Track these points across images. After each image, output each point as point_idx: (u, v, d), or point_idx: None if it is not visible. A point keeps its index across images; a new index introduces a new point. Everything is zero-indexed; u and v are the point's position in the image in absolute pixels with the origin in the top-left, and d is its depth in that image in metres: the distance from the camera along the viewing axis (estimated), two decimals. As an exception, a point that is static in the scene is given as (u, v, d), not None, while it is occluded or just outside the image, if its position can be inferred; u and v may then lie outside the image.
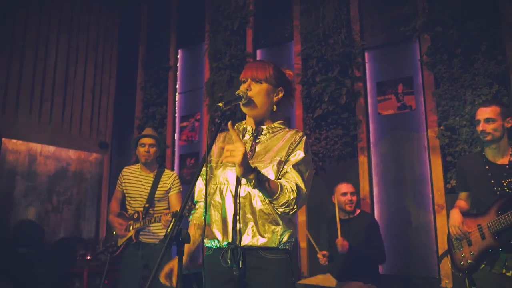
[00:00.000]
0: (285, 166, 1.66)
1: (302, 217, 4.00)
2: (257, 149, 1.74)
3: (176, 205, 3.21)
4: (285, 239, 1.65)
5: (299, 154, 1.68)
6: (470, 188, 2.56)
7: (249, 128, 1.81)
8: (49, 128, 5.12)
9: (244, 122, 1.85)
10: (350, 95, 3.86)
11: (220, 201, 1.67)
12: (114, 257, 3.23)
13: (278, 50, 4.57)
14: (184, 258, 1.47)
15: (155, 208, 3.20)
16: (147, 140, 3.24)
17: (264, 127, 1.79)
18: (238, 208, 1.63)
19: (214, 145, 1.83)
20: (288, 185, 1.59)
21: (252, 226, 1.62)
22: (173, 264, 1.69)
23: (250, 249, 1.62)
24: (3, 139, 4.63)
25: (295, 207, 1.58)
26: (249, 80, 1.75)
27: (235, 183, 1.66)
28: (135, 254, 3.14)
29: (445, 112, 3.44)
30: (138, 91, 5.49)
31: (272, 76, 1.76)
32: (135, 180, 3.27)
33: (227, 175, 1.69)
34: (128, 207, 3.27)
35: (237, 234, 1.62)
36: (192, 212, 1.84)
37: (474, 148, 3.25)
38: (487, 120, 2.43)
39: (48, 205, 5.15)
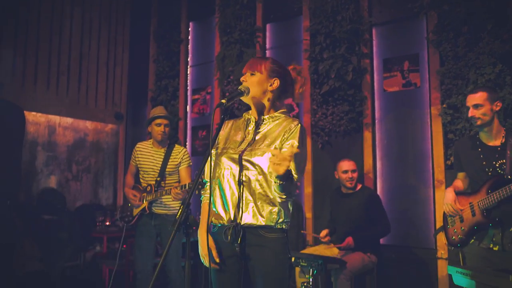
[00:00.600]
0: (283, 143, 1.83)
1: (308, 189, 4.20)
2: (257, 137, 1.90)
3: (185, 178, 3.43)
4: (281, 219, 1.84)
5: (293, 143, 1.83)
6: (464, 169, 2.70)
7: (252, 118, 1.96)
8: (67, 100, 5.32)
9: (250, 112, 2.00)
10: (356, 72, 3.94)
11: (224, 185, 1.85)
12: (130, 226, 3.49)
13: (287, 24, 4.61)
14: (204, 230, 1.80)
15: (166, 181, 3.42)
16: (162, 121, 3.42)
17: (266, 116, 1.94)
18: (240, 190, 1.82)
19: (221, 131, 1.99)
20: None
21: (253, 207, 1.81)
22: (206, 246, 1.83)
23: (250, 228, 1.82)
24: (25, 112, 4.87)
25: (290, 190, 1.78)
26: (247, 73, 1.89)
27: (237, 169, 1.84)
28: (148, 224, 3.39)
29: (448, 91, 3.52)
30: (151, 63, 5.62)
31: (266, 68, 1.90)
32: (147, 155, 3.48)
33: (230, 163, 1.86)
34: (141, 180, 3.50)
35: (239, 213, 1.81)
36: (202, 192, 2.03)
37: (474, 127, 3.34)
38: (476, 106, 2.53)
39: (68, 174, 5.44)
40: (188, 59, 5.35)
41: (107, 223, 5.14)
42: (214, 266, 1.84)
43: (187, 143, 5.25)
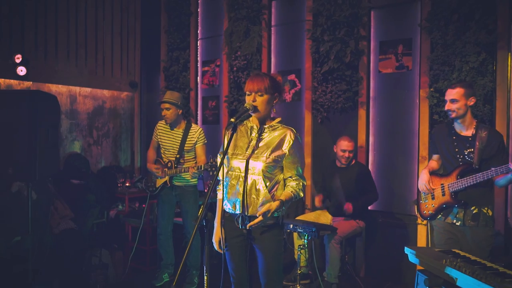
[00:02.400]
0: (286, 160, 2.31)
1: (308, 159, 4.67)
2: (260, 144, 2.34)
3: (201, 155, 3.91)
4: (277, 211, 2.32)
5: (295, 155, 2.29)
6: (439, 152, 3.13)
7: (254, 126, 2.39)
8: (86, 71, 5.70)
9: (250, 120, 2.42)
10: (354, 54, 4.26)
11: (235, 183, 2.33)
12: (153, 194, 4.04)
13: (292, 3, 4.85)
14: (219, 224, 2.37)
15: (185, 158, 3.91)
16: (163, 105, 3.85)
17: (266, 126, 2.37)
18: (246, 189, 2.29)
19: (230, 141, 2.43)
20: (295, 185, 2.32)
21: (255, 202, 2.29)
22: (218, 236, 2.41)
23: (253, 217, 2.31)
24: (48, 84, 5.30)
25: (300, 194, 2.37)
26: (253, 94, 2.29)
27: (244, 171, 2.30)
28: (170, 194, 3.94)
29: (436, 76, 3.86)
30: (162, 34, 5.92)
31: (269, 86, 2.30)
32: (167, 134, 3.95)
33: (240, 165, 2.32)
34: (162, 155, 4.00)
35: (245, 206, 2.31)
36: (217, 190, 2.51)
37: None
38: (452, 101, 2.91)
39: (89, 139, 5.95)
40: (198, 32, 5.64)
41: (127, 184, 5.71)
42: (219, 250, 2.38)
43: (198, 112, 5.68)
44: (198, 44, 5.65)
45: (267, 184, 2.28)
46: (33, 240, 3.66)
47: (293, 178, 2.34)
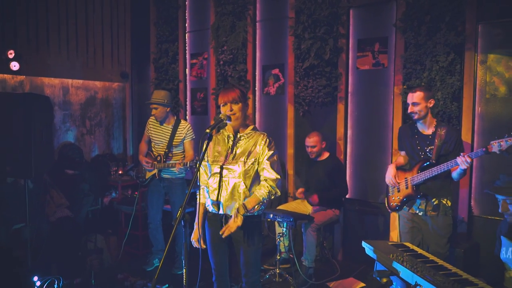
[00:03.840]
0: (261, 161, 2.55)
1: (290, 150, 4.93)
2: (238, 151, 2.58)
3: (189, 150, 4.15)
4: (256, 209, 2.57)
5: (268, 154, 2.53)
6: (404, 149, 3.39)
7: (231, 135, 2.63)
8: (77, 63, 5.87)
9: (226, 128, 2.66)
10: (333, 51, 4.46)
11: (217, 187, 2.59)
12: (143, 185, 4.32)
13: (275, 1, 5.00)
14: (200, 223, 2.66)
15: (173, 152, 4.16)
16: (152, 106, 4.08)
17: (241, 134, 2.61)
18: (227, 192, 2.55)
19: (208, 148, 2.67)
20: (262, 191, 2.51)
21: (235, 204, 2.55)
22: (197, 235, 2.69)
23: None
24: (41, 77, 5.47)
25: (277, 193, 2.55)
26: (228, 104, 2.52)
27: (225, 176, 2.55)
28: (158, 185, 4.21)
29: (408, 74, 4.08)
30: (152, 26, 6.06)
31: (241, 95, 2.54)
32: (157, 130, 4.19)
33: (220, 171, 2.57)
34: (153, 148, 4.26)
35: (225, 206, 2.57)
36: (197, 194, 2.76)
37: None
38: (414, 104, 3.16)
39: (83, 129, 6.17)
40: (186, 25, 5.79)
41: (120, 172, 5.97)
42: (197, 246, 2.66)
43: (187, 103, 5.89)
44: (187, 37, 5.81)
45: (247, 184, 2.53)
46: (31, 229, 3.93)
47: (263, 185, 2.54)
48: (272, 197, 2.55)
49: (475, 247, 3.68)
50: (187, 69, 5.85)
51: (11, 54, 4.99)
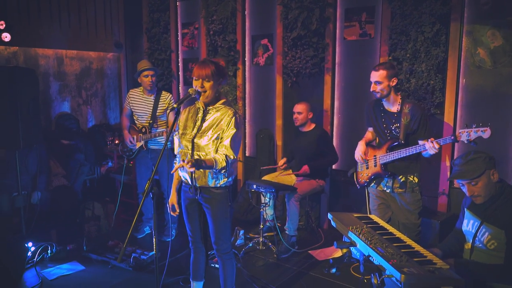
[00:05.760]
0: (222, 137, 2.58)
1: (279, 121, 4.97)
2: (205, 124, 2.64)
3: (171, 120, 4.21)
4: (222, 181, 2.66)
5: (231, 130, 2.58)
6: (372, 126, 3.40)
7: (201, 108, 2.68)
8: (70, 34, 5.89)
9: (197, 102, 2.70)
10: (320, 21, 4.41)
11: (184, 159, 2.66)
12: (130, 158, 4.42)
13: (264, -33, 4.91)
14: (174, 191, 2.78)
15: (158, 123, 4.23)
16: (149, 72, 4.11)
17: (211, 107, 2.65)
18: None
19: (179, 118, 2.73)
20: (220, 157, 2.52)
21: (201, 175, 2.64)
22: (172, 201, 2.81)
23: (203, 188, 2.67)
24: (34, 48, 5.51)
25: (227, 169, 2.57)
26: (200, 79, 2.55)
27: (191, 149, 2.62)
28: (145, 157, 4.31)
29: (394, 45, 4.04)
30: (143, -5, 6.01)
31: (215, 72, 2.55)
32: (139, 102, 4.24)
33: (187, 144, 2.64)
34: (136, 121, 4.33)
35: (193, 179, 2.66)
36: (173, 162, 2.86)
37: (412, 78, 3.95)
38: (376, 83, 3.12)
39: (79, 99, 6.26)
40: (177, -7, 5.74)
41: (116, 142, 6.08)
42: (173, 214, 2.78)
43: (179, 74, 5.91)
44: (178, 6, 5.76)
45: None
46: (24, 197, 4.09)
47: (220, 151, 2.56)
48: (223, 171, 2.58)
49: (451, 218, 3.74)
50: (179, 39, 5.83)
51: (1, 25, 5.02)
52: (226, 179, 2.67)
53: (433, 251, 2.28)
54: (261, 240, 4.10)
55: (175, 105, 2.46)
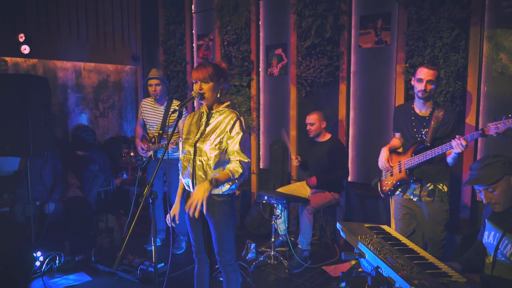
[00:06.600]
0: (228, 142, 2.48)
1: (293, 132, 4.85)
2: (208, 129, 2.55)
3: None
4: (225, 188, 2.55)
5: (237, 134, 2.48)
6: (400, 131, 3.25)
7: (204, 112, 2.60)
8: (88, 47, 5.98)
9: (201, 107, 2.62)
10: (334, 29, 4.31)
11: (186, 165, 2.57)
12: (142, 167, 4.37)
13: (278, -23, 4.87)
14: (177, 202, 2.66)
15: (168, 133, 4.18)
16: (153, 81, 4.09)
17: (214, 111, 2.57)
18: (195, 170, 2.53)
19: (182, 124, 2.65)
20: (234, 165, 2.43)
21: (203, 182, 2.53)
22: (174, 211, 2.71)
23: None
24: (53, 61, 5.60)
25: (245, 175, 2.47)
26: (198, 82, 2.48)
27: (193, 154, 2.53)
28: (155, 166, 4.22)
29: (411, 51, 3.89)
30: (160, 8, 6.07)
31: (213, 74, 2.48)
32: (150, 112, 4.21)
33: (190, 149, 2.55)
34: (148, 130, 4.29)
35: (193, 186, 2.55)
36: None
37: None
38: (429, 82, 2.95)
39: (96, 112, 6.31)
40: (192, 6, 5.75)
41: (132, 154, 6.08)
42: (173, 224, 2.70)
43: (194, 85, 5.88)
44: (193, 18, 5.77)
45: (212, 165, 2.50)
46: (34, 206, 4.07)
47: (233, 159, 2.49)
48: (241, 178, 2.48)
49: (474, 233, 3.50)
50: (194, 51, 5.83)
51: (21, 37, 5.13)
52: (228, 185, 2.56)
53: (451, 265, 2.09)
54: (272, 254, 3.94)
55: (176, 107, 2.39)
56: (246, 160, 2.49)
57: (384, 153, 3.24)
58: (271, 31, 4.99)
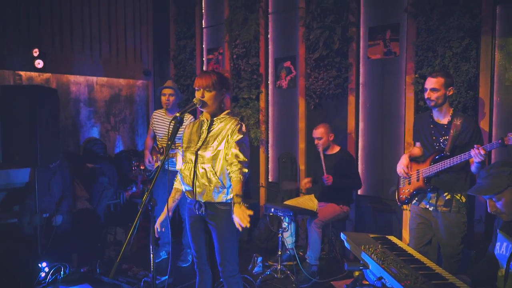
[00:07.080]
0: (230, 145, 2.46)
1: (302, 145, 4.80)
2: (209, 136, 2.53)
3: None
4: (229, 197, 2.51)
5: (237, 136, 2.45)
6: (420, 140, 3.17)
7: (205, 120, 2.58)
8: (101, 62, 6.07)
9: (202, 114, 2.61)
10: (342, 40, 4.29)
11: (188, 174, 2.54)
12: (150, 179, 4.38)
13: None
14: (165, 210, 2.55)
15: (176, 145, 4.17)
16: (166, 91, 4.10)
17: (215, 119, 2.55)
18: (198, 178, 2.50)
19: (184, 132, 2.64)
20: (235, 170, 2.40)
21: (207, 189, 2.49)
22: (160, 220, 2.68)
23: (208, 203, 2.52)
24: (66, 75, 5.70)
25: (247, 171, 2.43)
26: (201, 89, 2.47)
27: (195, 162, 2.50)
28: (163, 178, 4.22)
29: (420, 62, 3.83)
30: (171, 23, 6.15)
31: (216, 82, 2.46)
32: (161, 123, 4.22)
33: (191, 157, 2.53)
34: (158, 141, 4.30)
35: (196, 193, 2.51)
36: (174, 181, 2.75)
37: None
38: (433, 90, 2.92)
39: (107, 125, 6.36)
40: (203, 21, 5.82)
41: (142, 167, 6.08)
42: (156, 230, 2.65)
43: (204, 99, 5.90)
44: (204, 33, 5.83)
45: (216, 170, 2.47)
46: (41, 217, 4.08)
47: (233, 163, 2.44)
48: (246, 177, 2.44)
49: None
50: (204, 65, 5.86)
51: (36, 52, 5.24)
52: (231, 193, 2.52)
53: (459, 277, 1.99)
54: (279, 268, 3.84)
55: (177, 114, 2.37)
56: (246, 160, 2.46)
57: (404, 159, 3.17)
58: (279, 44, 5.00)
